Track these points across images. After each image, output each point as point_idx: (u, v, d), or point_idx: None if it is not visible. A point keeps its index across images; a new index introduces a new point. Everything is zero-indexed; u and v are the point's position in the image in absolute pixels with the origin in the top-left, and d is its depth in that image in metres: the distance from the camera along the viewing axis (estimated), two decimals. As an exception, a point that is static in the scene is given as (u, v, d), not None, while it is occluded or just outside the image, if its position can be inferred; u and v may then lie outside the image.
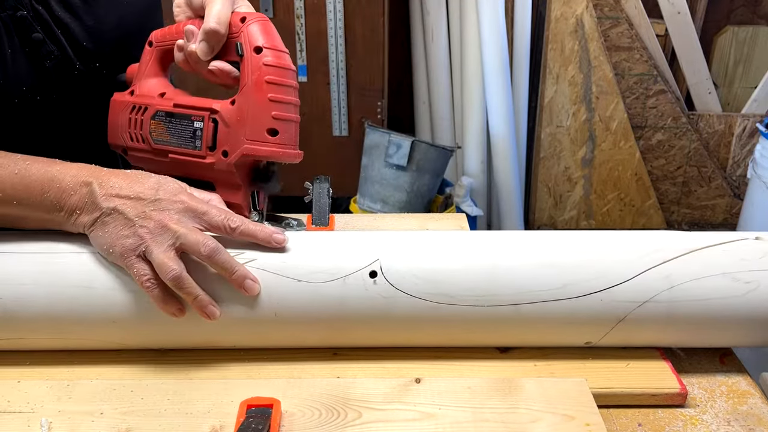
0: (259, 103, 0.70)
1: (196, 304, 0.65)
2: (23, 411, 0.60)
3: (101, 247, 0.66)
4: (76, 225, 0.67)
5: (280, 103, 0.71)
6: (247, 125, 0.70)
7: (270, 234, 0.68)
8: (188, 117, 0.74)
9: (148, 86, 0.78)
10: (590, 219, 2.92)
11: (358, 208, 2.35)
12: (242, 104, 0.71)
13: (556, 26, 2.64)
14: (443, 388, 0.63)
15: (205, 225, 0.67)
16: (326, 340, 0.69)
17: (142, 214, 0.65)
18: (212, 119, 0.73)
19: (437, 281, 0.66)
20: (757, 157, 1.97)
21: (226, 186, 0.75)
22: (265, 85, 0.70)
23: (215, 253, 0.64)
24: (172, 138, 0.75)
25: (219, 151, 0.72)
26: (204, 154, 0.73)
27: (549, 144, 2.80)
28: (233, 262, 0.65)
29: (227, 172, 0.73)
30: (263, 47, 0.70)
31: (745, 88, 2.84)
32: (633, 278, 0.67)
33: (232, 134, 0.71)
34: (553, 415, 0.60)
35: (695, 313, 0.67)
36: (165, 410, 0.60)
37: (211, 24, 0.71)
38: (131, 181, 0.67)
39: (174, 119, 0.75)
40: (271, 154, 0.71)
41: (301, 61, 2.42)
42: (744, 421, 0.63)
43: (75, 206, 0.67)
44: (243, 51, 0.70)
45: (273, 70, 0.70)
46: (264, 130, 0.70)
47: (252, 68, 0.70)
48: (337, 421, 0.59)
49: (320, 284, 0.66)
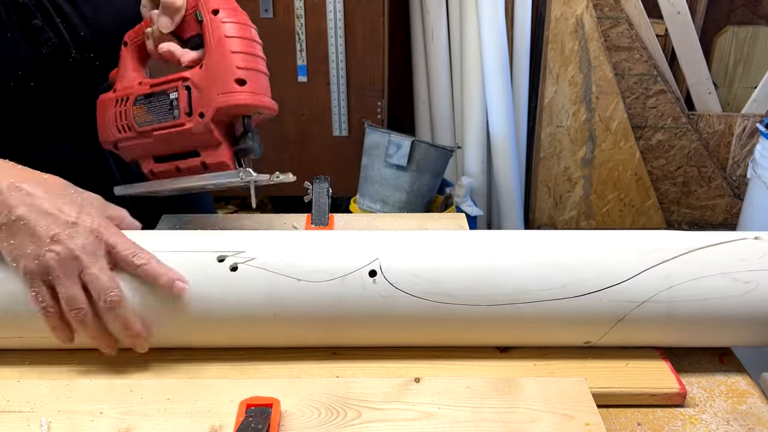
0: (223, 57, 0.73)
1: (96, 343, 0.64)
2: (23, 410, 0.60)
3: (5, 254, 0.63)
4: None
5: (244, 53, 0.74)
6: (216, 81, 0.73)
7: (172, 280, 0.64)
8: (164, 92, 0.77)
9: (128, 80, 0.81)
10: (590, 219, 2.92)
11: (357, 208, 2.35)
12: (209, 64, 0.74)
13: (556, 26, 2.64)
14: (443, 388, 0.63)
15: (111, 259, 0.64)
16: (326, 339, 0.69)
17: (54, 236, 0.61)
18: (185, 87, 0.75)
19: (436, 281, 0.67)
20: (757, 157, 1.97)
21: (208, 147, 0.76)
22: (226, 40, 0.73)
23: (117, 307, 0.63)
24: (153, 116, 0.77)
25: (196, 115, 0.74)
26: (183, 122, 0.75)
27: (549, 144, 2.80)
28: (132, 320, 0.64)
29: (206, 133, 0.74)
30: (220, 8, 0.74)
31: (745, 88, 2.84)
32: (632, 278, 0.67)
33: (204, 95, 0.74)
34: (553, 414, 0.60)
35: (694, 312, 0.67)
36: (165, 410, 0.60)
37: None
38: (52, 194, 0.64)
39: (152, 98, 0.77)
40: (244, 101, 0.73)
41: (301, 61, 2.42)
42: (743, 421, 0.63)
43: None
44: (202, 16, 0.74)
45: (232, 25, 0.74)
46: (232, 80, 0.73)
47: (213, 28, 0.74)
48: (337, 421, 0.59)
49: (319, 283, 0.66)
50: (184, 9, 0.75)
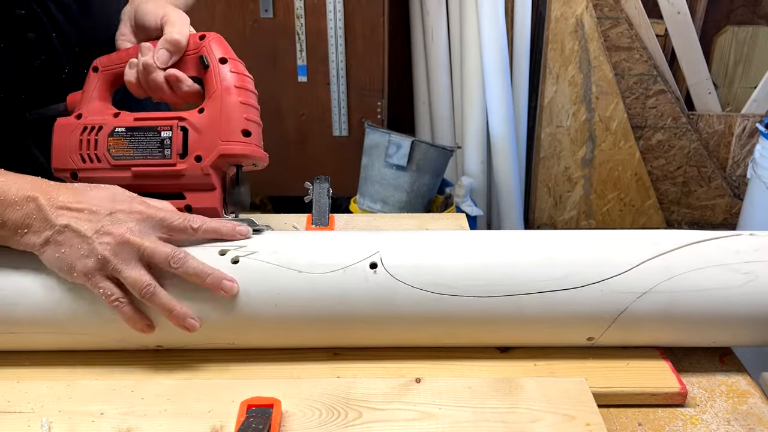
0: (233, 106, 0.75)
1: (173, 318, 0.64)
2: (23, 411, 0.60)
3: (59, 268, 0.63)
4: (22, 243, 0.63)
5: (249, 106, 0.76)
6: (221, 128, 0.74)
7: (233, 227, 0.69)
8: (154, 128, 0.76)
9: (97, 108, 0.79)
10: (590, 219, 2.92)
11: (358, 208, 2.35)
12: (213, 110, 0.75)
13: (556, 26, 2.64)
14: (443, 388, 0.63)
15: (166, 231, 0.66)
16: (327, 331, 0.69)
17: (99, 229, 0.62)
18: (181, 128, 0.75)
19: (437, 273, 0.67)
20: (757, 157, 1.97)
21: (199, 191, 0.76)
22: (236, 90, 0.75)
23: (185, 264, 0.63)
24: (135, 151, 0.76)
25: (191, 157, 0.75)
26: (174, 162, 0.75)
27: (549, 144, 2.80)
28: (205, 268, 0.64)
29: (201, 176, 0.75)
30: (227, 59, 0.77)
31: (745, 88, 2.84)
32: (632, 269, 0.67)
33: (204, 139, 0.75)
34: (554, 414, 0.60)
35: (695, 303, 0.67)
36: (165, 410, 0.60)
37: (174, 35, 0.76)
38: (81, 195, 0.65)
39: (137, 132, 0.77)
40: (248, 151, 0.75)
41: (301, 61, 2.42)
42: (744, 421, 0.63)
43: (20, 223, 0.63)
44: (209, 62, 0.76)
45: (239, 76, 0.77)
46: (239, 130, 0.75)
47: (221, 76, 0.76)
48: (338, 421, 0.59)
49: (321, 275, 0.66)
50: (184, 51, 0.77)
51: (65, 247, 0.63)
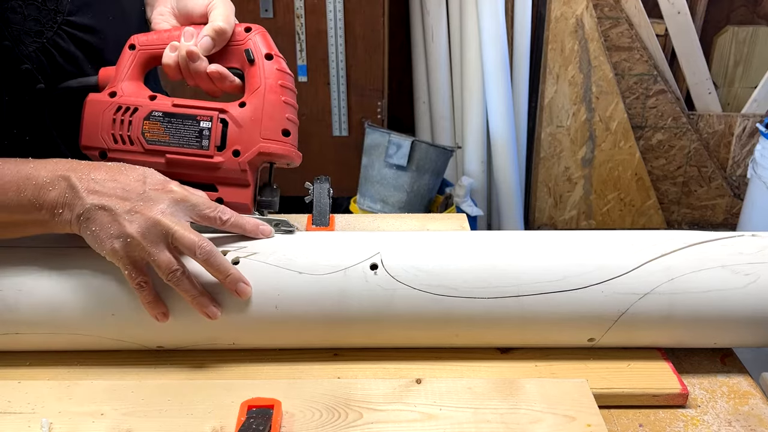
0: (276, 104, 0.74)
1: (196, 303, 0.64)
2: (24, 411, 0.60)
3: (92, 245, 0.64)
4: (61, 223, 0.64)
5: (290, 105, 0.76)
6: (263, 125, 0.74)
7: (257, 225, 0.70)
8: (193, 117, 0.74)
9: (133, 88, 0.76)
10: (590, 219, 2.92)
11: (358, 208, 2.35)
12: (256, 106, 0.74)
13: (556, 26, 2.63)
14: (444, 389, 0.63)
15: (196, 217, 0.66)
16: (327, 332, 0.69)
17: (131, 209, 0.63)
18: (221, 120, 0.74)
19: (437, 273, 0.67)
20: (757, 157, 1.97)
21: (232, 185, 0.75)
22: (280, 88, 0.75)
23: (211, 256, 0.63)
24: (172, 138, 0.74)
25: (229, 151, 0.74)
26: (212, 154, 0.74)
27: (549, 144, 2.80)
28: (228, 265, 0.65)
29: (237, 171, 0.74)
30: (273, 54, 0.76)
31: (745, 88, 2.84)
32: (633, 270, 0.67)
33: (244, 134, 0.74)
34: (554, 415, 0.60)
35: (697, 305, 0.67)
36: (165, 411, 0.60)
37: (220, 23, 0.75)
38: (114, 173, 0.65)
39: (174, 119, 0.74)
40: (286, 152, 0.75)
41: (301, 61, 2.42)
42: (745, 422, 0.63)
43: (55, 202, 0.63)
44: (254, 57, 0.75)
45: (283, 75, 0.76)
46: (279, 130, 0.74)
47: (266, 73, 0.75)
48: (338, 422, 0.59)
49: (321, 276, 0.66)
50: (228, 40, 0.76)
51: (96, 225, 0.63)
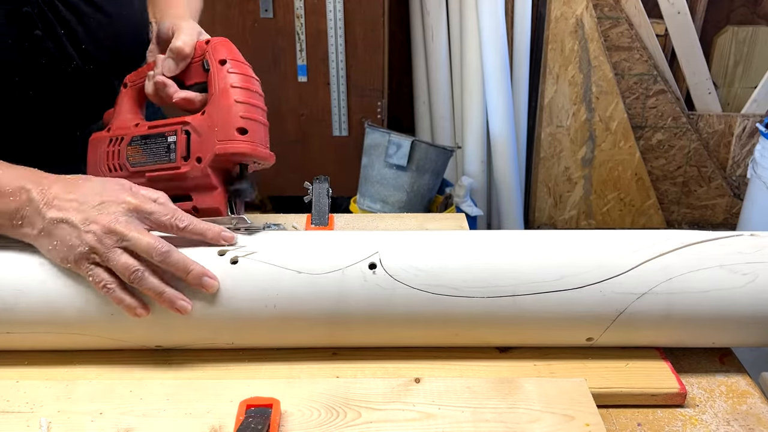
0: (227, 105, 0.74)
1: (163, 300, 0.64)
2: (22, 411, 0.60)
3: (54, 258, 0.65)
4: (19, 234, 0.67)
5: (247, 104, 0.75)
6: (218, 129, 0.74)
7: (218, 232, 0.69)
8: (162, 134, 0.78)
9: (123, 120, 0.83)
10: (590, 219, 2.92)
11: (357, 208, 2.35)
12: (212, 112, 0.75)
13: (556, 26, 2.63)
14: (443, 388, 0.63)
15: (152, 224, 0.67)
16: (325, 332, 0.69)
17: (87, 219, 0.64)
18: (184, 131, 0.76)
19: (436, 273, 0.67)
20: (757, 157, 1.97)
21: (203, 191, 0.77)
22: (231, 89, 0.75)
23: (168, 256, 0.64)
24: (148, 158, 0.78)
25: (193, 159, 0.76)
26: (179, 165, 0.76)
27: (549, 144, 2.80)
28: (187, 261, 0.65)
29: (202, 177, 0.75)
30: (227, 59, 0.76)
31: (745, 88, 2.84)
32: (631, 269, 0.67)
33: (204, 141, 0.75)
34: (553, 415, 0.60)
35: (694, 305, 0.67)
36: (164, 410, 0.60)
37: (177, 43, 0.77)
38: (72, 187, 0.67)
39: (149, 140, 0.79)
40: (245, 149, 0.74)
41: (301, 61, 2.42)
42: (743, 421, 0.63)
43: (15, 213, 0.65)
44: (209, 66, 0.76)
45: (237, 76, 0.76)
46: (233, 129, 0.74)
47: (218, 78, 0.75)
48: (337, 421, 0.59)
49: (320, 275, 0.66)
50: (191, 57, 0.78)
51: (57, 238, 0.64)
